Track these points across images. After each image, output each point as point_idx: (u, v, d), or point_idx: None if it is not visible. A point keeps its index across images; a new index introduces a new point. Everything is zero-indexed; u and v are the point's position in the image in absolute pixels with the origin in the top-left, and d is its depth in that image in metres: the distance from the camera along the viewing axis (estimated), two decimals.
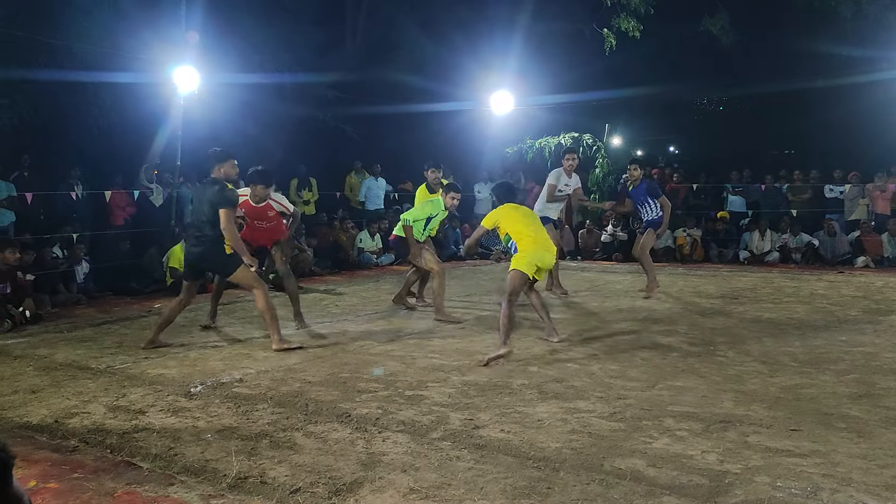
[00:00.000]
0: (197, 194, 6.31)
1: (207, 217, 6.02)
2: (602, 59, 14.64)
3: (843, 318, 7.38)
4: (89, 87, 10.31)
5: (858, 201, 13.25)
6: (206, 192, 6.09)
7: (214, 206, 5.98)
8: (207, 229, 6.04)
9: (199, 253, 6.12)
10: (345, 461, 3.52)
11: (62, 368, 5.52)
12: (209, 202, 6.01)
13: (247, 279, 6.14)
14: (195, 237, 6.16)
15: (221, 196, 5.99)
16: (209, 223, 6.02)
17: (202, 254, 6.11)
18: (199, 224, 6.10)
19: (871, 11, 13.87)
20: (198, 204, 6.18)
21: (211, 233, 6.03)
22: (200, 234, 6.09)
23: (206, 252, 6.08)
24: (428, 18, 15.81)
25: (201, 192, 6.20)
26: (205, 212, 6.03)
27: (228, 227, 6.00)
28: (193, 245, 6.18)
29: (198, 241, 6.12)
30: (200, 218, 6.08)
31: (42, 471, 3.47)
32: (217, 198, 5.98)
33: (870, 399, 4.48)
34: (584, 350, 5.98)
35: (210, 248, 6.06)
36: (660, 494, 3.10)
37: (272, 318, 6.11)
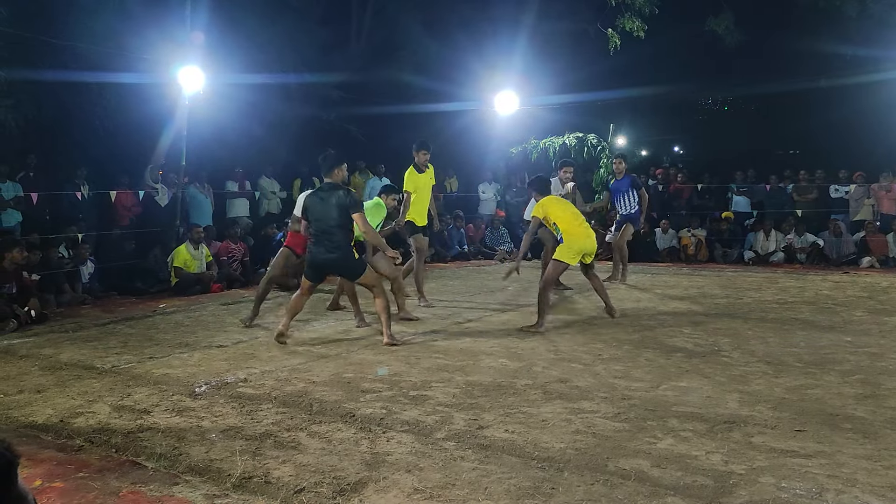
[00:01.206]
0: (317, 200, 6.25)
1: (337, 222, 6.11)
2: (607, 58, 14.62)
3: (848, 319, 7.36)
4: (94, 87, 10.33)
5: (863, 201, 13.21)
6: (330, 197, 6.14)
7: (345, 211, 6.09)
8: (337, 234, 6.14)
9: (332, 259, 6.21)
10: (349, 461, 3.52)
11: (67, 368, 5.54)
12: (337, 206, 6.09)
13: (371, 280, 6.36)
14: (326, 242, 6.17)
15: (352, 200, 6.15)
16: (339, 228, 6.12)
17: (335, 259, 6.22)
18: (328, 229, 6.14)
19: (875, 11, 13.84)
20: (322, 209, 6.17)
21: (340, 238, 6.16)
22: (330, 239, 6.15)
23: (339, 258, 6.21)
24: (432, 18, 15.81)
25: (324, 197, 6.20)
26: (333, 217, 6.11)
27: (370, 229, 6.26)
28: (326, 251, 6.18)
29: (329, 247, 6.16)
30: (329, 223, 6.12)
31: (47, 470, 3.48)
32: (347, 201, 6.10)
33: (875, 400, 4.47)
34: (588, 350, 5.98)
35: (343, 254, 6.21)
36: (664, 495, 3.10)
37: (387, 318, 6.33)
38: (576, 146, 13.85)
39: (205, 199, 11.74)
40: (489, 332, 6.80)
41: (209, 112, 10.79)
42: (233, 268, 10.75)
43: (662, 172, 15.89)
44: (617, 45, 14.29)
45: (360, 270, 6.35)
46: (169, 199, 11.21)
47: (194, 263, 9.99)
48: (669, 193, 15.16)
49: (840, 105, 15.59)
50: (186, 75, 10.06)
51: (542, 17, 15.73)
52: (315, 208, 6.23)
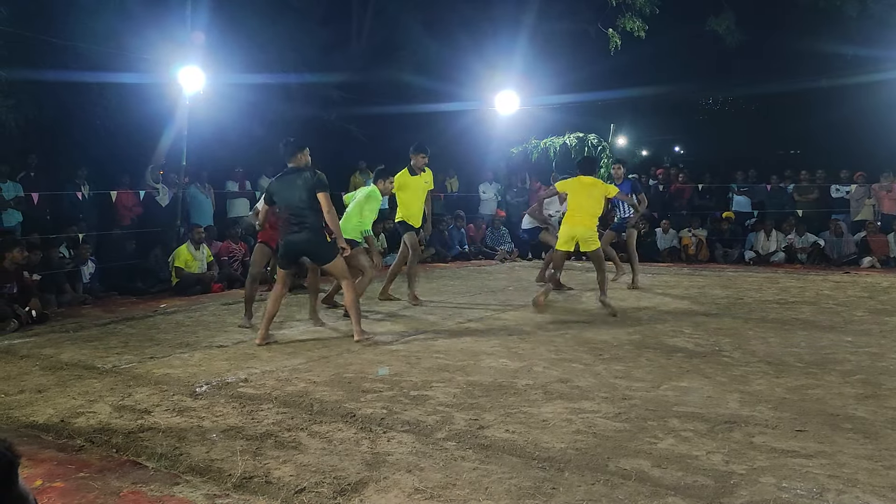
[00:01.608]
0: (283, 184, 6.30)
1: (306, 203, 6.11)
2: (607, 58, 14.62)
3: (848, 319, 7.36)
4: (95, 87, 10.34)
5: (864, 201, 13.21)
6: (296, 179, 6.16)
7: (312, 191, 6.08)
8: (308, 215, 6.15)
9: (303, 239, 6.20)
10: (350, 461, 3.52)
11: (68, 368, 5.54)
12: (305, 189, 6.10)
13: (341, 270, 6.35)
14: (296, 224, 6.18)
15: (317, 180, 6.13)
16: (309, 209, 6.13)
17: (306, 240, 6.22)
18: (297, 212, 6.15)
19: (876, 11, 13.83)
20: (289, 192, 6.20)
21: (312, 218, 6.15)
22: (301, 220, 6.15)
23: (309, 238, 6.20)
24: (433, 18, 15.82)
25: (289, 181, 6.23)
26: (302, 198, 6.12)
27: (331, 211, 6.17)
28: (295, 232, 6.19)
29: (300, 227, 6.17)
30: (298, 205, 6.14)
31: (48, 470, 3.48)
32: (313, 182, 6.10)
33: (876, 400, 4.47)
34: (588, 350, 5.97)
35: (313, 235, 6.19)
36: (665, 495, 3.10)
37: (357, 312, 6.35)
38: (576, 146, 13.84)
39: (205, 199, 11.75)
40: (490, 332, 6.80)
41: (210, 112, 10.79)
42: (233, 268, 10.75)
43: (663, 172, 15.89)
44: (617, 45, 14.30)
45: (330, 255, 6.29)
46: (170, 199, 11.21)
47: (195, 264, 9.99)
48: (670, 193, 15.15)
49: (841, 105, 15.59)
50: (187, 75, 10.06)
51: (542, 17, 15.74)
52: (282, 193, 6.25)
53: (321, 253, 6.35)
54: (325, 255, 6.32)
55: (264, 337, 6.34)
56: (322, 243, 6.26)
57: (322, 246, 6.27)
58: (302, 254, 6.51)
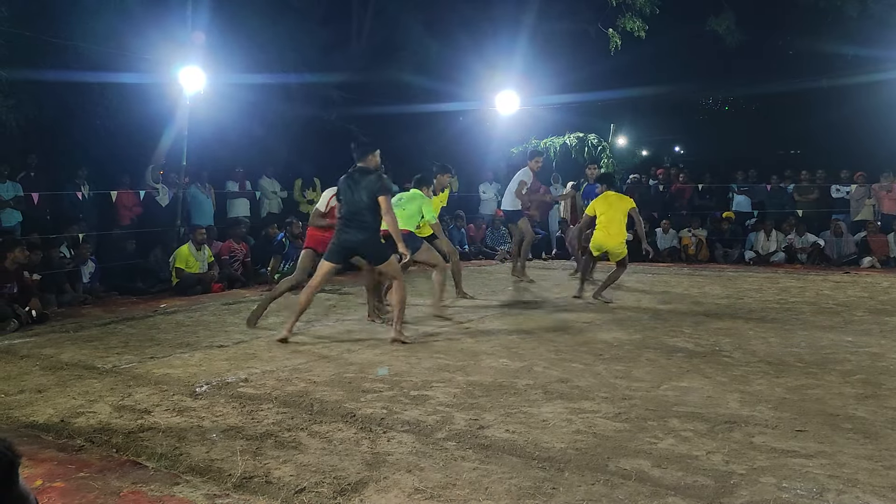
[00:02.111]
0: (348, 184, 6.37)
1: (366, 204, 6.22)
2: (607, 58, 14.62)
3: (848, 319, 7.36)
4: (95, 87, 10.34)
5: (864, 201, 13.20)
6: (361, 180, 6.26)
7: (374, 194, 6.18)
8: (367, 216, 6.26)
9: (359, 240, 6.32)
10: (350, 461, 3.52)
11: (68, 368, 5.54)
12: (367, 190, 6.20)
13: (394, 270, 6.46)
14: (356, 223, 6.28)
15: (381, 184, 6.24)
16: (368, 210, 6.23)
17: (363, 241, 6.32)
18: (357, 211, 6.26)
19: (876, 11, 13.83)
20: (352, 192, 6.29)
21: (371, 220, 6.27)
22: (361, 221, 6.27)
23: (366, 239, 6.31)
24: (433, 18, 15.81)
25: (354, 180, 6.32)
26: (363, 199, 6.22)
27: (391, 213, 6.27)
28: (355, 231, 6.29)
29: (359, 227, 6.28)
30: (359, 206, 6.24)
31: (48, 470, 3.48)
32: (376, 185, 6.21)
33: (876, 400, 4.47)
34: (588, 350, 5.97)
35: (371, 236, 6.32)
36: (665, 495, 3.10)
37: (400, 312, 6.43)
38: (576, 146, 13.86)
39: (206, 199, 11.75)
40: (490, 332, 6.80)
41: (210, 112, 10.80)
42: (234, 268, 10.75)
43: (663, 172, 15.89)
44: (618, 45, 14.30)
45: (385, 255, 6.42)
46: (170, 199, 11.22)
47: (196, 264, 9.99)
48: (671, 193, 15.15)
49: (841, 105, 15.59)
50: (187, 75, 10.07)
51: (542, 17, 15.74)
52: (346, 192, 6.35)
53: (376, 253, 6.46)
54: (380, 255, 6.45)
55: (291, 330, 6.41)
56: (377, 244, 6.40)
57: (377, 246, 6.42)
58: (356, 253, 6.60)
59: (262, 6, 12.73)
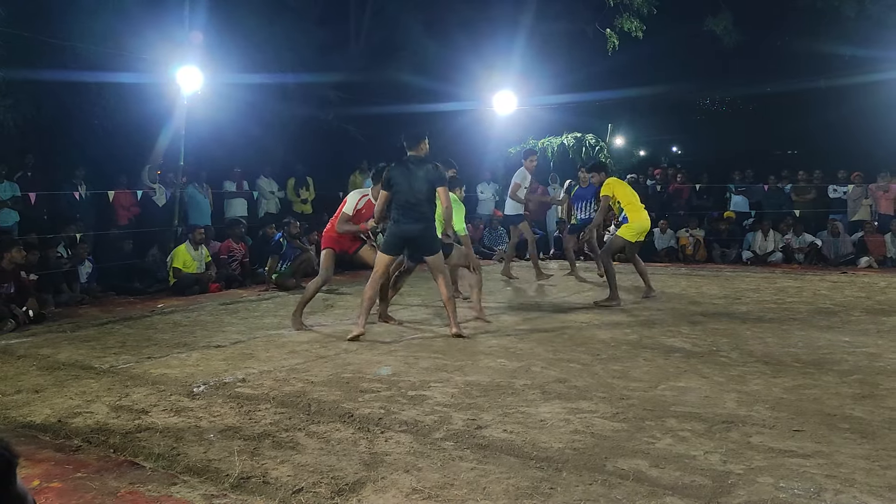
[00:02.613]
0: (404, 173, 6.32)
1: (425, 195, 6.22)
2: (605, 59, 14.63)
3: (846, 319, 7.37)
4: (93, 87, 10.33)
5: (862, 202, 13.22)
6: (418, 170, 6.24)
7: (433, 184, 6.19)
8: (425, 207, 6.26)
9: (419, 229, 6.32)
10: (347, 461, 3.52)
11: (65, 368, 5.53)
12: (426, 180, 6.19)
13: (441, 264, 6.49)
14: (415, 213, 6.28)
15: (438, 174, 6.25)
16: (427, 201, 6.25)
17: (421, 231, 6.33)
18: (417, 202, 6.25)
19: (874, 12, 13.86)
20: (410, 182, 6.26)
21: (428, 210, 6.28)
22: (419, 211, 6.28)
23: (425, 229, 6.32)
24: (431, 19, 15.82)
25: (410, 170, 6.27)
26: (423, 190, 6.23)
27: (450, 205, 6.29)
28: (414, 222, 6.29)
29: (419, 217, 6.28)
30: (418, 196, 6.24)
31: (45, 470, 3.48)
32: (435, 175, 6.22)
33: (873, 400, 4.47)
34: (586, 350, 5.98)
35: (428, 226, 6.34)
36: (662, 495, 3.10)
37: (453, 308, 6.52)
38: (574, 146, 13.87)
39: (203, 200, 11.74)
40: (488, 332, 6.80)
41: (207, 112, 10.79)
42: (232, 268, 10.74)
43: (661, 172, 15.90)
44: (615, 45, 14.30)
45: (437, 247, 6.46)
46: (167, 199, 11.21)
47: (193, 264, 9.99)
48: (668, 194, 15.16)
49: (838, 105, 15.61)
50: (185, 75, 10.06)
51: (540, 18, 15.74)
52: (402, 181, 6.29)
53: (431, 245, 6.47)
54: (434, 246, 6.47)
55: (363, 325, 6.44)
56: (434, 235, 6.47)
57: (434, 238, 6.46)
58: (412, 243, 6.52)
59: (259, 6, 12.73)
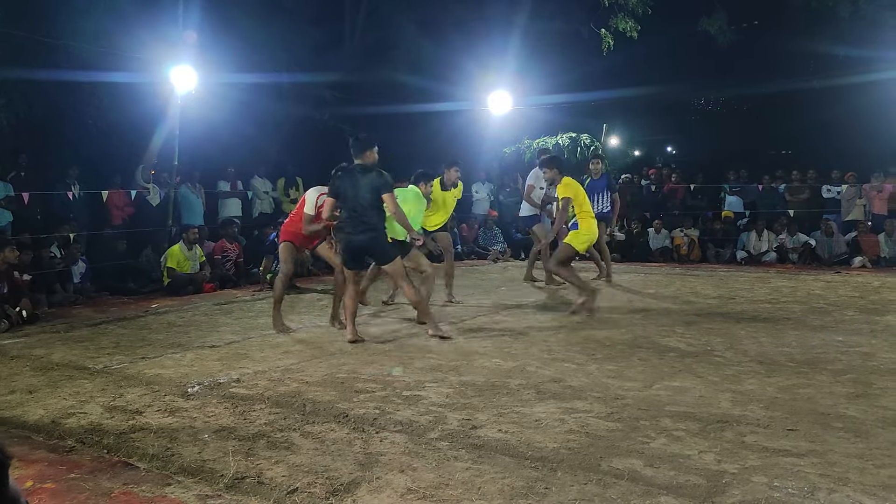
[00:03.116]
0: (349, 182, 6.22)
1: (370, 203, 6.12)
2: (600, 59, 14.65)
3: (839, 319, 7.39)
4: (86, 86, 10.30)
5: (855, 201, 13.26)
6: (362, 178, 6.13)
7: (378, 191, 6.08)
8: (372, 216, 6.16)
9: (365, 240, 6.21)
10: (342, 461, 3.51)
11: (59, 368, 5.51)
12: (371, 188, 6.08)
13: (398, 271, 6.38)
14: (361, 224, 6.17)
15: (383, 181, 6.12)
16: (373, 209, 6.14)
17: (369, 240, 6.22)
18: (361, 211, 6.14)
19: (868, 12, 13.90)
20: (354, 191, 6.16)
21: (376, 219, 6.18)
22: (365, 221, 6.15)
23: (372, 239, 6.20)
24: (426, 18, 15.81)
25: (355, 178, 6.18)
26: (367, 198, 6.11)
27: (398, 211, 6.19)
28: (359, 232, 6.19)
29: (364, 227, 6.17)
30: (362, 204, 6.13)
31: (39, 471, 3.46)
32: (379, 182, 6.10)
33: (867, 399, 4.49)
34: (581, 350, 5.98)
35: (376, 235, 6.22)
36: (657, 494, 3.10)
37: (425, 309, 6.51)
38: (569, 146, 13.87)
39: (196, 199, 11.71)
40: (482, 332, 6.80)
41: (202, 112, 10.77)
42: (226, 268, 10.72)
43: (655, 172, 15.93)
44: (610, 45, 14.33)
45: (391, 256, 6.36)
46: (161, 198, 11.18)
47: (188, 264, 9.96)
48: (663, 193, 15.19)
49: (832, 105, 15.65)
50: (179, 75, 10.05)
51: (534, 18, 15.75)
52: (347, 190, 6.20)
53: (383, 253, 6.38)
54: (387, 255, 6.37)
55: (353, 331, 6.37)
56: (385, 243, 6.36)
57: (385, 246, 6.36)
58: (365, 253, 6.47)
59: (253, 6, 12.71)
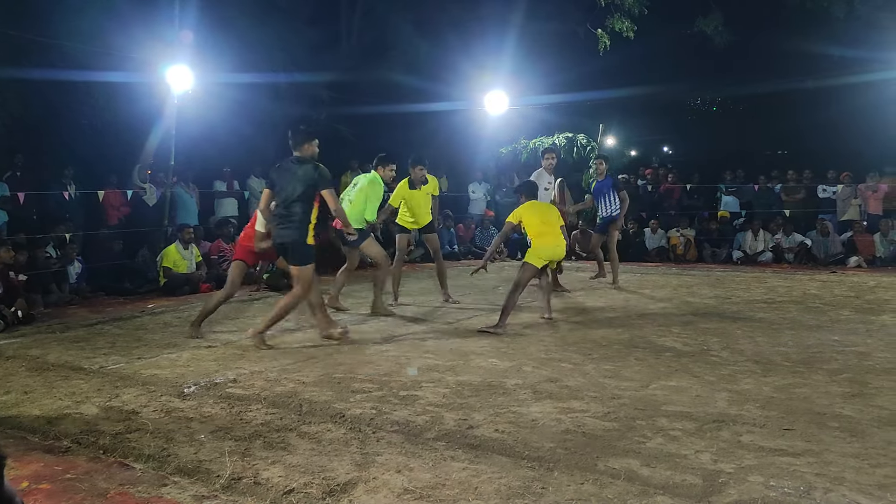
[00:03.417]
0: (282, 174, 5.91)
1: (298, 196, 5.78)
2: (596, 59, 14.65)
3: (835, 318, 7.41)
4: (81, 86, 10.28)
5: (851, 201, 13.30)
6: (297, 170, 5.81)
7: (311, 187, 5.76)
8: (297, 209, 5.80)
9: (286, 236, 5.86)
10: (339, 461, 3.51)
11: (55, 369, 5.50)
12: (302, 181, 5.75)
13: (305, 278, 5.96)
14: (285, 219, 5.85)
15: (320, 175, 5.79)
16: (300, 202, 5.79)
17: (287, 236, 5.85)
18: (288, 204, 5.81)
19: (863, 12, 13.94)
20: (285, 183, 5.84)
21: (300, 214, 5.81)
22: (288, 214, 5.82)
23: (291, 235, 5.83)
24: (422, 18, 15.81)
25: (288, 170, 5.87)
26: (297, 192, 5.76)
27: (339, 207, 5.95)
28: (282, 227, 5.87)
29: (288, 223, 5.84)
30: (290, 197, 5.79)
31: (34, 471, 3.45)
32: (314, 176, 5.76)
33: (862, 398, 4.50)
34: (578, 350, 5.98)
35: (296, 232, 5.82)
36: (654, 494, 3.11)
37: (279, 316, 6.11)
38: (565, 146, 13.87)
39: (190, 199, 11.68)
40: (479, 332, 6.79)
41: (198, 111, 10.76)
42: (223, 268, 10.70)
43: (652, 172, 15.95)
44: (606, 45, 14.32)
45: (305, 258, 5.90)
46: (157, 198, 11.16)
47: (184, 264, 9.95)
48: (659, 193, 15.22)
49: (828, 105, 15.70)
50: (175, 74, 10.02)
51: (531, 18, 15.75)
52: (280, 182, 5.89)
53: (296, 253, 5.93)
54: (299, 256, 5.92)
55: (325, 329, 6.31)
56: (301, 243, 5.86)
57: (300, 246, 5.88)
58: (282, 249, 6.09)
59: (249, 6, 12.71)
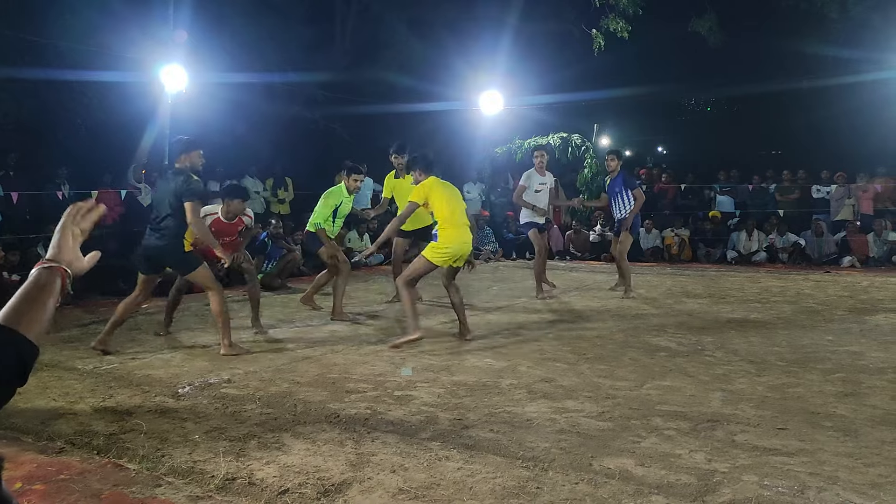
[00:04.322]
0: (160, 185, 6.06)
1: (170, 209, 5.77)
2: (591, 59, 14.67)
3: (829, 318, 7.43)
4: (75, 85, 10.25)
5: (845, 202, 13.35)
6: (170, 182, 5.83)
7: (179, 198, 5.72)
8: (169, 221, 5.79)
9: (157, 247, 5.85)
10: (333, 462, 3.51)
11: (48, 369, 5.47)
12: (174, 193, 5.74)
13: (205, 279, 5.97)
14: (155, 229, 5.85)
15: (187, 187, 5.71)
16: (171, 216, 5.77)
17: (162, 248, 5.85)
18: (159, 215, 5.83)
19: (856, 13, 13.99)
20: (160, 194, 5.93)
21: (173, 226, 5.80)
22: (161, 226, 5.81)
23: (165, 246, 5.84)
24: (417, 18, 15.82)
25: (165, 182, 5.95)
26: (169, 203, 5.78)
27: (197, 222, 5.79)
28: (155, 238, 5.85)
29: (158, 233, 5.82)
30: (163, 210, 5.79)
31: (28, 472, 3.44)
32: (182, 189, 5.70)
33: (856, 398, 4.51)
34: (572, 350, 5.99)
35: (170, 243, 5.83)
36: (648, 493, 3.11)
37: (225, 322, 5.97)
38: (560, 146, 13.89)
39: None
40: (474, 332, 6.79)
41: (192, 111, 10.73)
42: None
43: (646, 172, 15.98)
44: (601, 45, 14.34)
45: (189, 265, 5.94)
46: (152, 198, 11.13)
47: None
48: (654, 193, 15.23)
49: (822, 106, 15.76)
50: (169, 74, 10.00)
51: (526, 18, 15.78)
52: (156, 194, 5.98)
53: (178, 262, 5.99)
54: (184, 265, 5.97)
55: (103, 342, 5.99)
56: (178, 252, 5.89)
57: (178, 255, 5.92)
58: (159, 261, 6.07)
59: (244, 5, 12.69)
